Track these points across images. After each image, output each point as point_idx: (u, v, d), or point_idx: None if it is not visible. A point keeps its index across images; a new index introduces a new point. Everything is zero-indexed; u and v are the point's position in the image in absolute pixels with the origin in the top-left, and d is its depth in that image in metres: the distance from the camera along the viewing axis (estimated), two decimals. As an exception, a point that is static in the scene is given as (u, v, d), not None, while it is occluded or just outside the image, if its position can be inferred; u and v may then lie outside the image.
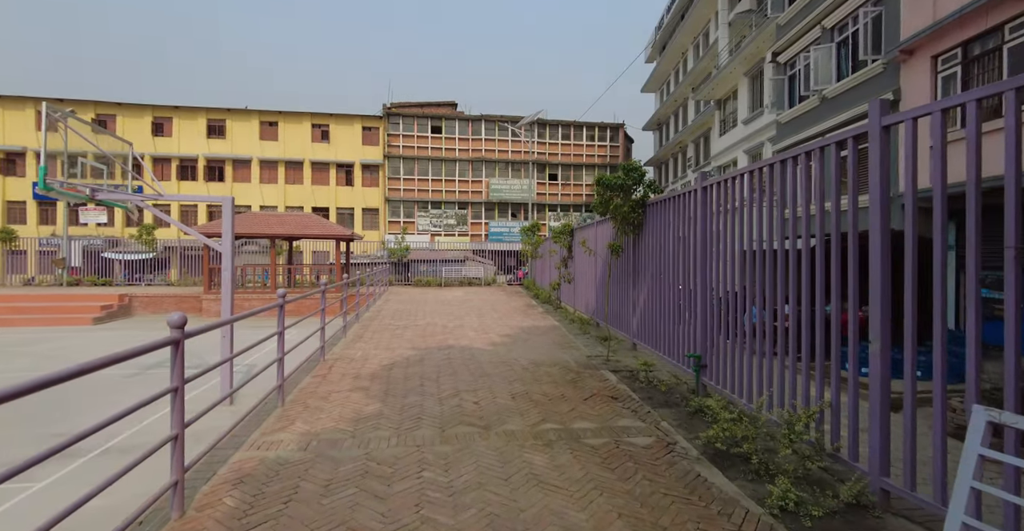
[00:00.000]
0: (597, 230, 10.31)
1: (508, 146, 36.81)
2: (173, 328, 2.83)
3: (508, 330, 10.23)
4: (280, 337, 5.09)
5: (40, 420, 6.08)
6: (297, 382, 6.13)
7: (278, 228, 18.59)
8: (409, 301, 16.82)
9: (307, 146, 34.94)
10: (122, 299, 18.66)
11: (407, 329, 10.32)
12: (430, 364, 7.04)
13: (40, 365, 9.54)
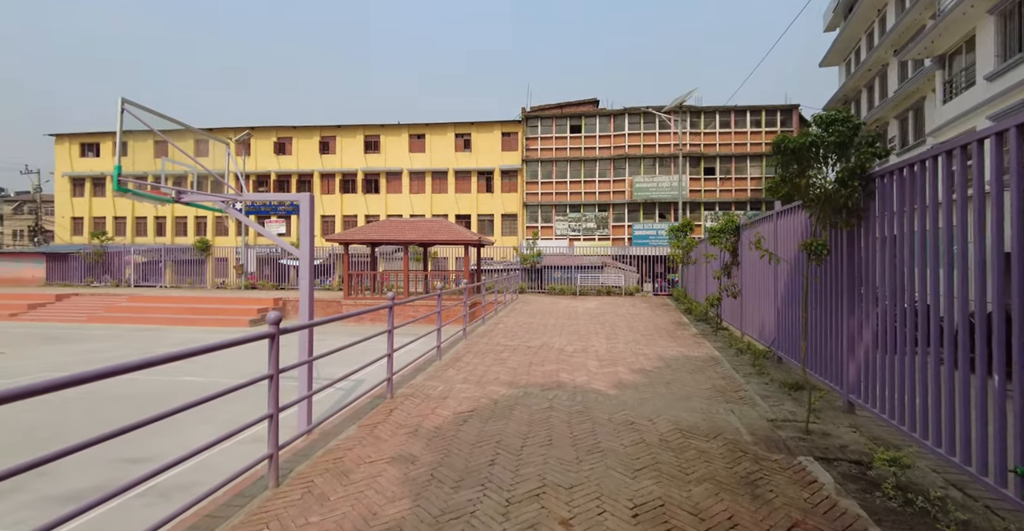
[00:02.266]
0: (778, 224, 7.24)
1: (655, 139, 33.25)
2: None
3: (646, 362, 7.65)
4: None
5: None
6: (337, 432, 4.47)
7: (410, 234, 18.18)
8: (534, 312, 14.93)
9: (451, 156, 35.55)
10: (277, 303, 19.89)
11: (515, 352, 8.33)
12: (521, 418, 4.90)
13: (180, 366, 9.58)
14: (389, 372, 5.55)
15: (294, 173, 36.71)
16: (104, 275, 27.99)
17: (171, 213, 37.05)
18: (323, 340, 13.81)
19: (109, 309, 19.17)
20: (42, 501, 4.72)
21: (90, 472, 5.29)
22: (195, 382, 9.19)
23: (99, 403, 7.78)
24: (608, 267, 24.58)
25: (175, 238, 36.84)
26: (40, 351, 12.46)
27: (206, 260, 28.57)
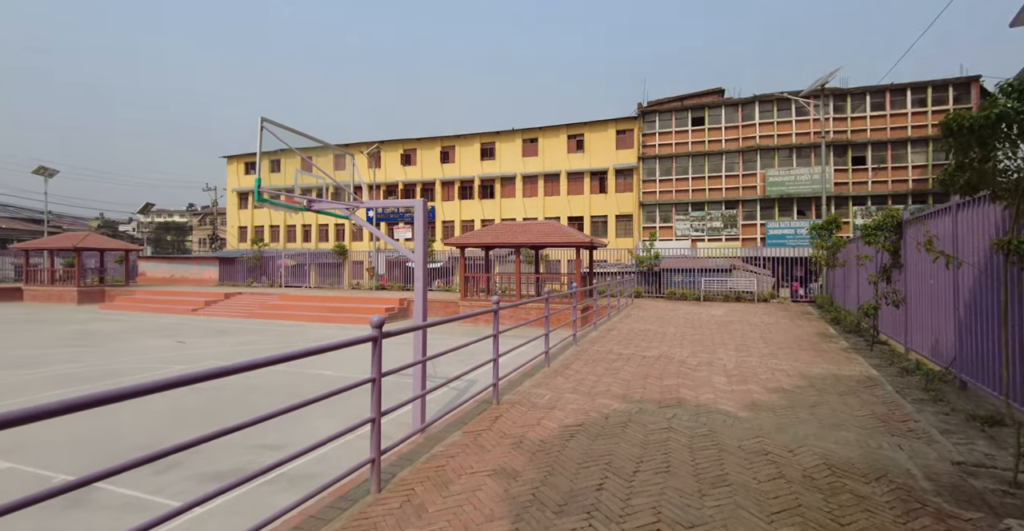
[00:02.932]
0: (957, 219, 5.91)
1: (791, 128, 29.92)
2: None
3: (784, 379, 6.69)
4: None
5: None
6: (442, 438, 4.41)
7: (521, 237, 18.27)
8: (651, 319, 14.08)
9: (563, 157, 35.37)
10: (402, 303, 21.17)
11: (629, 362, 7.79)
12: (634, 438, 4.45)
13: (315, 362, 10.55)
14: (495, 377, 5.42)
15: (418, 182, 39.12)
16: (262, 276, 32.16)
17: (315, 222, 41.51)
18: (440, 339, 14.34)
19: (264, 306, 21.88)
20: (197, 476, 5.29)
21: (233, 454, 5.86)
22: (326, 376, 9.96)
23: (243, 391, 8.73)
24: (737, 270, 22.55)
25: (318, 243, 41.19)
26: (209, 342, 14.50)
27: (343, 263, 31.52)
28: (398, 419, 7.17)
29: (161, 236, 75.72)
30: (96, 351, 12.84)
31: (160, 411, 7.50)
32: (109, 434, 6.55)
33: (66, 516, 4.44)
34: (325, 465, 5.55)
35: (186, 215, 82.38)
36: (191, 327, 17.81)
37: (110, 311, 23.59)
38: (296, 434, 6.58)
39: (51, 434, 6.40)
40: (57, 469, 5.46)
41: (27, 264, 29.79)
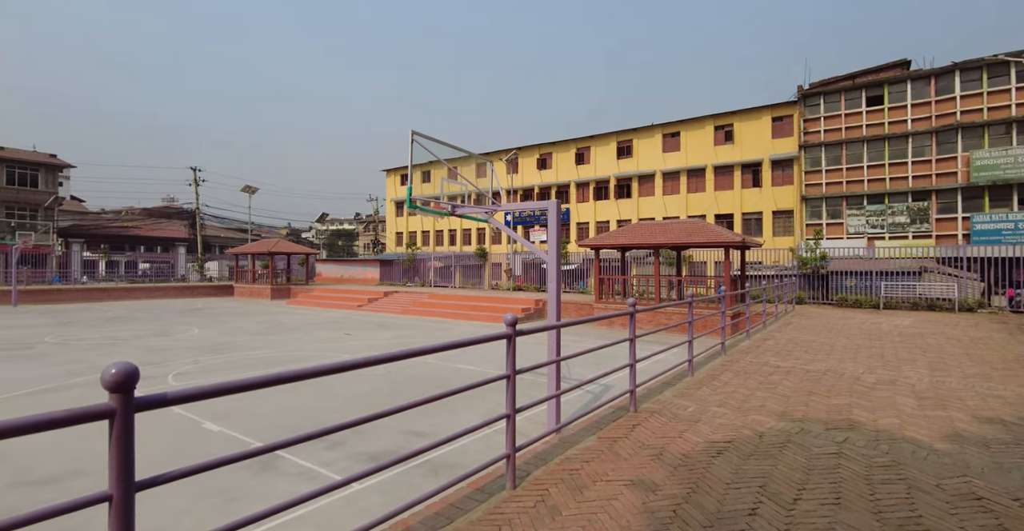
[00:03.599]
0: None
1: (1009, 98, 24.23)
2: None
3: (1001, 408, 5.39)
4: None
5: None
6: (576, 441, 4.32)
7: (661, 237, 17.44)
8: (817, 328, 12.41)
9: (708, 151, 33.03)
10: (537, 303, 21.56)
11: (789, 376, 6.91)
12: (794, 461, 3.90)
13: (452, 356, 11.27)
14: (632, 384, 5.17)
15: (553, 185, 39.61)
16: (415, 277, 35.19)
17: (460, 226, 44.30)
18: (573, 342, 14.27)
19: (415, 304, 23.89)
20: (356, 455, 5.89)
21: (387, 438, 6.43)
22: (468, 370, 10.50)
23: (401, 381, 9.55)
24: (930, 273, 18.93)
25: (462, 247, 43.89)
26: (370, 334, 16.22)
27: (484, 265, 33.16)
28: (532, 417, 7.25)
29: (334, 241, 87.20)
30: (283, 339, 15.15)
31: (334, 393, 8.53)
32: (294, 410, 7.63)
33: (259, 478, 5.23)
34: (465, 456, 5.81)
35: (353, 223, 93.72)
36: (356, 321, 20.13)
37: (294, 306, 27.72)
38: (441, 424, 6.99)
39: (251, 406, 7.64)
40: (254, 436, 6.49)
41: (236, 266, 36.45)
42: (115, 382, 1.52)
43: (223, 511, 4.52)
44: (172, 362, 11.36)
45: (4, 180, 39.63)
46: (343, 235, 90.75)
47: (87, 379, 9.69)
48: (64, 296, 29.03)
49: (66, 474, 5.31)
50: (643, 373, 7.02)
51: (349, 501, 4.66)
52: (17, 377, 9.83)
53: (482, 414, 7.43)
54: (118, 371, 1.52)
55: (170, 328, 17.51)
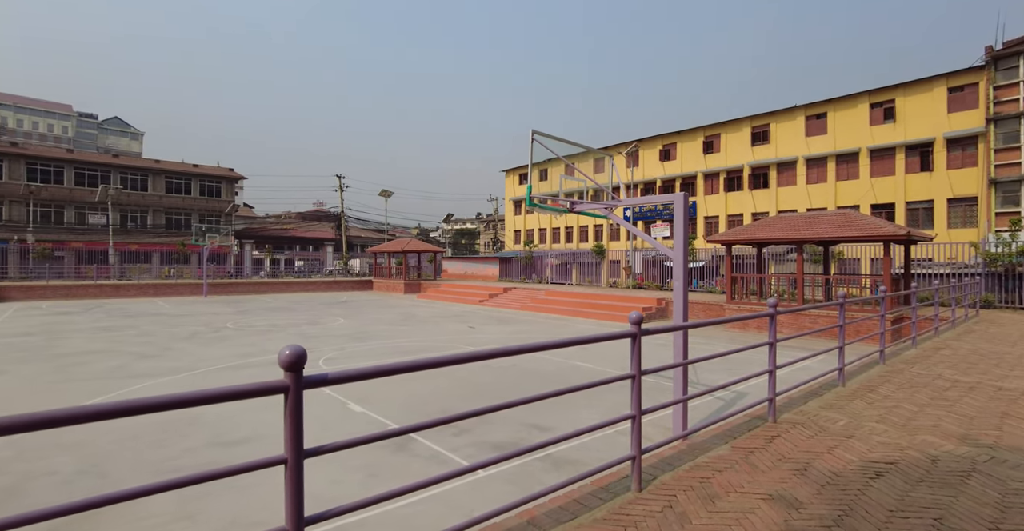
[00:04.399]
0: None
1: None
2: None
3: None
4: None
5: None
6: (706, 448, 4.09)
7: (805, 231, 15.76)
8: (1011, 338, 10.33)
9: (863, 132, 29.06)
10: (659, 303, 20.72)
11: (971, 393, 5.83)
12: (981, 495, 3.28)
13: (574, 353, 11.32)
14: (771, 392, 4.74)
15: (677, 177, 37.69)
16: (532, 274, 35.79)
17: (576, 223, 44.13)
18: (700, 345, 13.46)
19: (533, 300, 24.30)
20: (481, 443, 6.16)
21: (510, 429, 6.62)
22: (585, 368, 10.43)
23: (521, 374, 9.78)
24: None
25: (579, 244, 43.67)
26: (492, 329, 16.84)
27: (601, 262, 32.67)
28: (655, 421, 6.98)
29: (457, 240, 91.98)
30: (415, 330, 16.34)
31: (460, 383, 9.02)
32: (425, 396, 8.20)
33: (395, 457, 5.71)
34: (586, 453, 5.78)
35: (475, 222, 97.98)
36: (479, 315, 21.04)
37: (423, 300, 29.74)
38: (562, 420, 7.04)
39: (389, 391, 8.35)
40: (390, 418, 7.09)
41: (375, 263, 40.11)
42: (289, 362, 1.75)
43: (366, 484, 5.00)
44: (321, 348, 12.83)
45: (197, 191, 47.88)
46: (466, 234, 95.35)
47: (257, 360, 11.33)
48: (239, 289, 34.32)
49: (246, 438, 6.27)
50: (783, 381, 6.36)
51: (475, 486, 4.89)
52: (211, 355, 11.83)
53: (601, 413, 7.33)
54: (291, 353, 1.75)
55: (320, 318, 19.80)
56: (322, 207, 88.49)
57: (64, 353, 11.89)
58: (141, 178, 44.96)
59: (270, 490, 4.78)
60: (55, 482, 5.05)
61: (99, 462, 5.50)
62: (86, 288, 29.60)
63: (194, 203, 47.29)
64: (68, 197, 41.71)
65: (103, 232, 41.39)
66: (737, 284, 17.91)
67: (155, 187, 45.45)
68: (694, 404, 7.68)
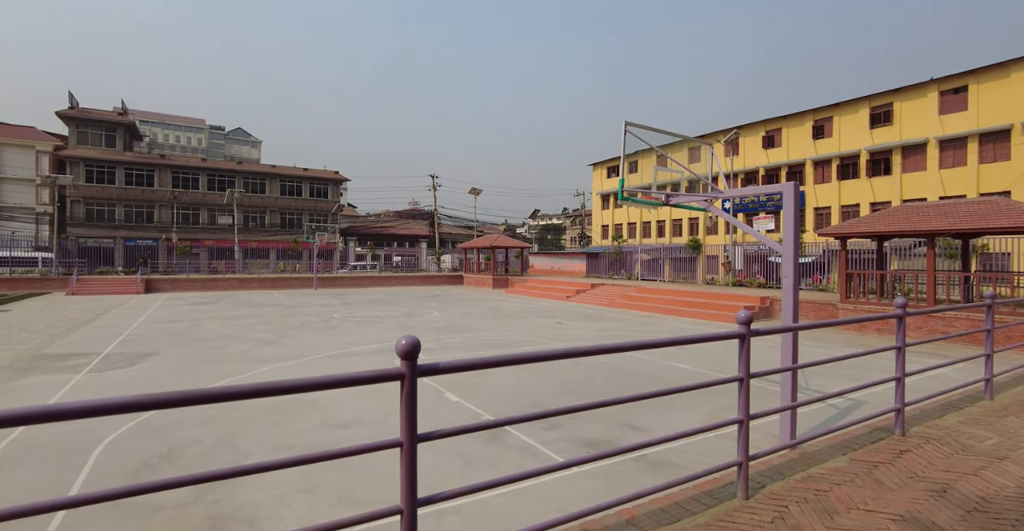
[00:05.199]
0: None
1: None
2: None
3: None
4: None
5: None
6: (821, 459, 3.77)
7: (938, 222, 13.95)
8: None
9: (1015, 106, 25.02)
10: (763, 301, 19.38)
11: None
12: None
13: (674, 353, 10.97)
14: (899, 401, 4.26)
15: (783, 165, 34.91)
16: (621, 270, 35.00)
17: (669, 217, 42.42)
18: (811, 347, 12.41)
19: (622, 297, 23.75)
20: (573, 439, 6.15)
21: (602, 426, 6.55)
22: (681, 368, 10.02)
23: (611, 372, 9.63)
24: None
25: (672, 238, 41.95)
26: (580, 325, 16.72)
27: (697, 258, 31.14)
28: (758, 427, 6.55)
29: (543, 235, 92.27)
30: (504, 324, 16.65)
31: (549, 377, 9.08)
32: (516, 389, 8.34)
33: (489, 447, 5.87)
34: (682, 456, 5.57)
35: (560, 217, 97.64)
36: (565, 311, 20.98)
37: (511, 294, 30.20)
38: (656, 420, 6.84)
39: (482, 382, 8.61)
40: (484, 409, 7.30)
41: (465, 258, 41.38)
42: (405, 351, 1.86)
43: (462, 472, 5.19)
44: (420, 339, 13.49)
45: (308, 193, 52.23)
46: (552, 229, 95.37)
47: (360, 349, 12.16)
48: (344, 282, 37.01)
49: (352, 421, 6.77)
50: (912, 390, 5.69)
51: (568, 481, 4.89)
52: (321, 343, 12.90)
53: (699, 415, 7.02)
54: (407, 343, 1.86)
55: (416, 310, 20.82)
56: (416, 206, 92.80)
57: (203, 338, 13.57)
58: (260, 182, 49.94)
59: (374, 471, 5.13)
60: (201, 449, 5.78)
61: (231, 435, 6.21)
62: (216, 281, 33.52)
63: (305, 204, 51.69)
64: (202, 200, 47.37)
65: (229, 231, 46.55)
66: (853, 282, 16.27)
67: (271, 190, 50.26)
68: (803, 411, 7.11)
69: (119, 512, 4.25)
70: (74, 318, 17.60)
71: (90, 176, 43.98)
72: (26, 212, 42.50)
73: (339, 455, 1.85)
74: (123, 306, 22.14)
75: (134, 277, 31.59)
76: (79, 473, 5.13)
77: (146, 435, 6.16)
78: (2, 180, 42.23)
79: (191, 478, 1.56)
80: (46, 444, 5.79)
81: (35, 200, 42.89)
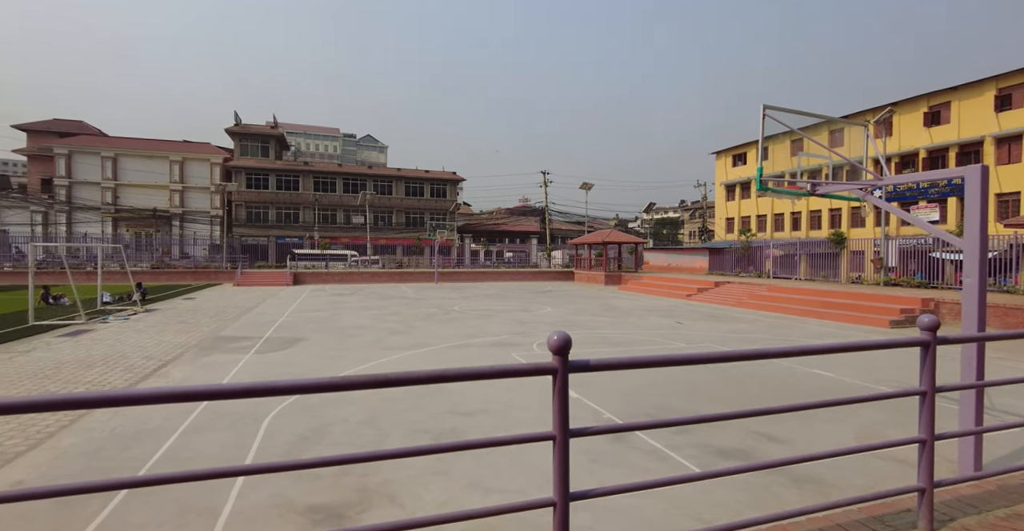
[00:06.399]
0: None
1: None
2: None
3: None
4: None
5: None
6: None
7: None
8: None
9: None
10: (926, 303, 16.87)
11: None
12: None
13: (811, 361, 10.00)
14: None
15: (952, 145, 29.86)
16: (749, 266, 32.41)
17: (805, 208, 38.39)
18: (998, 361, 10.49)
19: (751, 296, 21.98)
20: (703, 446, 5.81)
21: (735, 434, 6.11)
22: (823, 376, 9.01)
23: (741, 375, 8.95)
24: None
25: (809, 232, 37.94)
26: (703, 325, 15.78)
27: (840, 253, 27.81)
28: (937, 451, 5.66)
29: (658, 230, 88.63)
30: (619, 321, 16.27)
31: (673, 379, 8.69)
32: (638, 389, 8.11)
33: (613, 445, 5.76)
34: (835, 473, 5.00)
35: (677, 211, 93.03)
36: (686, 310, 19.95)
37: (624, 292, 29.43)
38: (797, 431, 6.22)
39: (603, 381, 8.48)
40: (604, 407, 7.18)
41: (576, 254, 41.17)
42: (557, 346, 1.85)
43: (588, 469, 5.15)
44: (534, 334, 13.67)
45: (428, 194, 55.51)
46: (667, 223, 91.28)
47: (479, 340, 12.63)
48: (461, 277, 38.77)
49: (477, 410, 7.04)
50: None
51: (703, 488, 4.62)
52: (443, 334, 13.64)
53: (850, 429, 6.27)
54: (559, 338, 1.85)
55: (529, 305, 21.15)
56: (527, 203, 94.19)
57: (342, 326, 15.03)
58: (387, 184, 54.15)
59: (500, 460, 5.28)
60: (347, 427, 6.40)
61: (373, 417, 6.79)
62: (351, 275, 36.96)
63: (426, 204, 55.10)
64: (339, 202, 52.52)
65: (362, 229, 51.08)
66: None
67: (397, 191, 54.25)
68: (990, 436, 6.01)
69: (289, 476, 4.84)
70: (240, 306, 20.50)
71: (249, 183, 50.84)
72: (203, 215, 50.40)
73: (495, 443, 1.90)
74: (276, 296, 25.31)
75: (285, 271, 35.99)
76: (254, 439, 5.95)
77: (300, 411, 6.95)
78: (188, 189, 50.50)
79: (392, 452, 1.70)
80: (227, 414, 6.78)
81: (209, 205, 50.70)
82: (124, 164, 49.23)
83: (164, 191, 49.55)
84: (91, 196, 48.18)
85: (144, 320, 16.04)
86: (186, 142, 53.10)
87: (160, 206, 49.09)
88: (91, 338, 12.61)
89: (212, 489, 4.57)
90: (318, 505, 4.37)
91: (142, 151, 49.68)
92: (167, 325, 14.97)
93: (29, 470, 5.13)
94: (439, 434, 6.19)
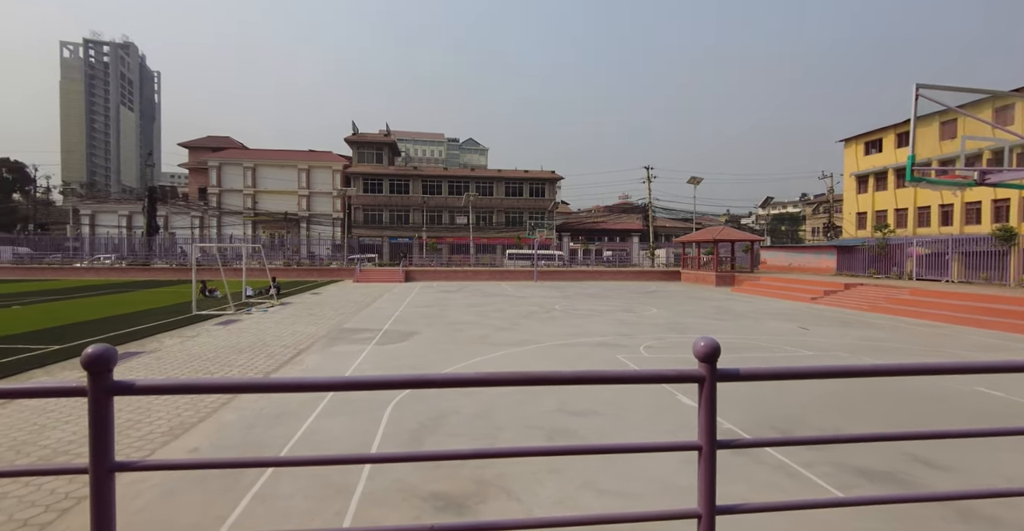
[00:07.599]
0: None
1: None
2: None
3: None
4: None
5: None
6: None
7: None
8: None
9: None
10: None
11: None
12: None
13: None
14: None
15: None
16: (885, 267, 28.78)
17: (959, 200, 33.26)
18: None
19: (888, 300, 19.50)
20: (840, 464, 5.25)
21: (878, 452, 5.46)
22: (991, 396, 7.73)
23: (881, 389, 7.96)
24: None
25: (963, 227, 32.84)
26: (832, 332, 14.28)
27: (1008, 252, 23.69)
28: None
29: (776, 227, 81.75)
30: (733, 325, 15.25)
31: (799, 389, 7.98)
32: (762, 398, 7.55)
33: (736, 458, 5.40)
34: (1009, 511, 4.27)
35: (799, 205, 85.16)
36: (810, 315, 18.20)
37: (739, 293, 27.53)
38: (958, 456, 5.40)
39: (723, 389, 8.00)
40: (725, 418, 6.77)
41: (683, 253, 39.28)
42: (705, 353, 1.76)
43: (708, 479, 4.87)
44: (640, 335, 13.26)
45: (527, 193, 56.16)
46: (786, 219, 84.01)
47: (583, 340, 12.52)
48: (561, 276, 38.74)
49: (588, 411, 6.98)
50: None
51: (846, 515, 4.18)
52: (546, 332, 13.72)
53: None
54: (706, 344, 1.76)
55: (632, 306, 20.56)
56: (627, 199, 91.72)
57: (451, 322, 15.72)
58: (488, 185, 55.66)
59: (615, 462, 5.19)
60: (461, 418, 6.67)
61: (486, 410, 7.01)
62: (455, 273, 38.53)
63: (525, 203, 55.85)
64: (444, 204, 54.99)
65: (465, 229, 53.03)
66: None
67: (498, 192, 55.57)
68: None
69: (411, 463, 5.16)
70: (359, 301, 22.23)
71: (366, 187, 54.97)
72: (326, 217, 55.46)
73: (634, 449, 1.86)
74: (391, 292, 27.11)
75: (397, 268, 38.44)
76: (379, 425, 6.41)
77: (419, 401, 7.36)
78: (313, 194, 55.88)
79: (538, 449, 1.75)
80: (354, 400, 7.38)
81: (331, 208, 55.68)
82: (261, 173, 55.80)
83: (293, 196, 55.47)
84: (235, 202, 55.23)
85: (280, 312, 18.00)
86: (311, 151, 58.88)
87: (290, 210, 54.98)
88: (239, 327, 14.41)
89: (345, 470, 5.00)
90: (439, 493, 4.60)
91: (275, 161, 55.98)
92: (299, 317, 16.67)
93: (201, 439, 5.98)
94: (552, 432, 6.23)
